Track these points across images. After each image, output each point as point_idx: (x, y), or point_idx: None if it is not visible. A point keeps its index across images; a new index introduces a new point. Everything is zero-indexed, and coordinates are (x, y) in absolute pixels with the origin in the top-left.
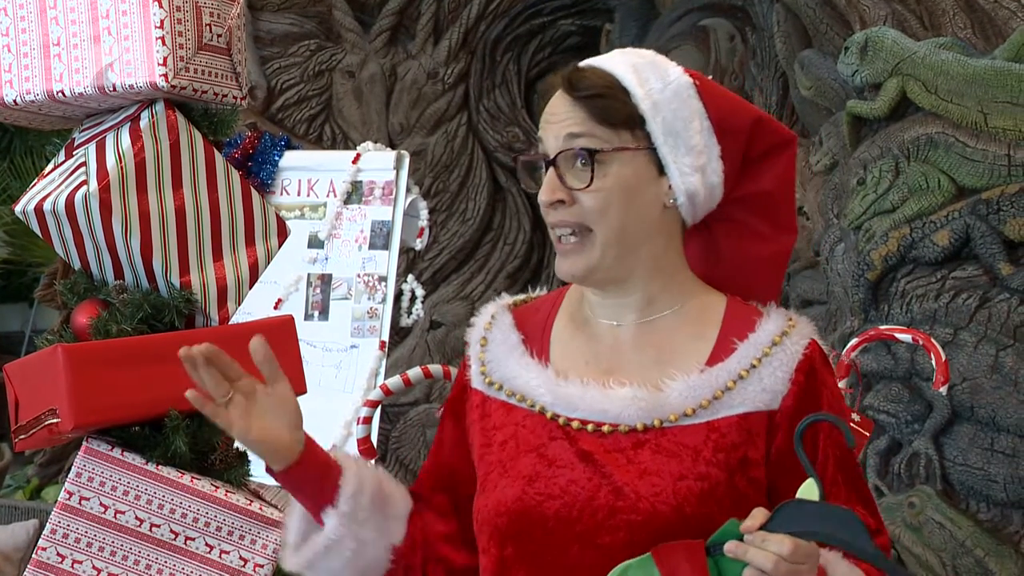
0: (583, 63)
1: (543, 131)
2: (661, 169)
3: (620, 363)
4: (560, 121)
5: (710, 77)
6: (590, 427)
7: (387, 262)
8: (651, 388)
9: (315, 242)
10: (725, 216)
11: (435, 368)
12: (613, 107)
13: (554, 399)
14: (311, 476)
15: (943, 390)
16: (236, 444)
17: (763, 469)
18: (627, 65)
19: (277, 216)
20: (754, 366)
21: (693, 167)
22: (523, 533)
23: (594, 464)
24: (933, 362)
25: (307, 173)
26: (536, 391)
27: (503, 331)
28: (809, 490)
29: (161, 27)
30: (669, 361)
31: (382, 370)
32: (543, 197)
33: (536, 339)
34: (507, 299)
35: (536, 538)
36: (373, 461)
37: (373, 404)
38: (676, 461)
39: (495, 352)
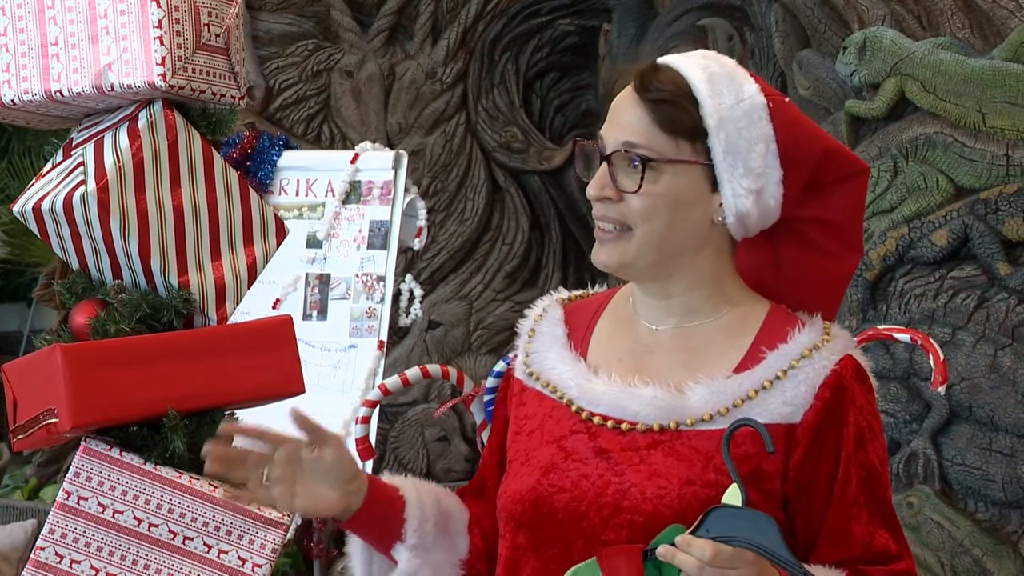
0: (661, 60)
1: (606, 124)
2: (715, 185)
3: (650, 364)
4: (623, 122)
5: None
6: (610, 423)
7: (385, 262)
8: (673, 390)
9: (313, 242)
10: (790, 229)
11: (433, 368)
12: (677, 116)
13: (580, 393)
14: (375, 517)
15: (941, 390)
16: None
17: (779, 482)
18: (704, 72)
19: (275, 216)
20: (779, 378)
21: (749, 189)
22: (534, 522)
23: (608, 461)
24: (931, 362)
25: (305, 173)
26: (566, 383)
27: (551, 324)
28: (733, 495)
29: (159, 27)
30: (698, 366)
31: (380, 370)
32: (591, 191)
33: (580, 334)
34: (563, 293)
35: (546, 529)
36: (371, 462)
37: (371, 404)
38: (686, 465)
39: (540, 344)
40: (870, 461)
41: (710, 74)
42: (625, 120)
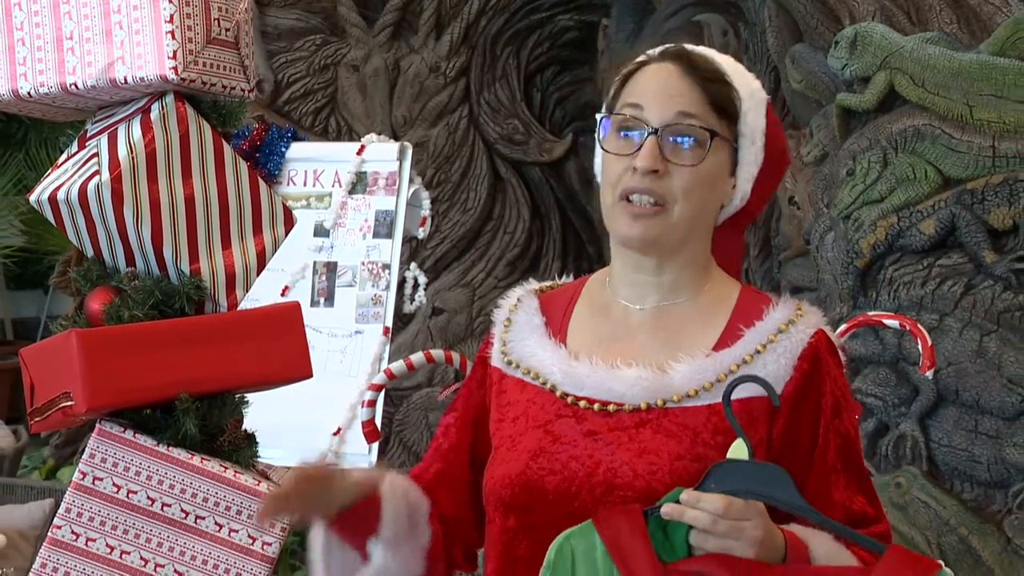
0: (686, 46)
1: (645, 99)
2: (733, 168)
3: (631, 345)
4: (673, 96)
5: None
6: (596, 406)
7: (391, 250)
8: (656, 369)
9: (321, 231)
10: None
11: (437, 353)
12: (729, 96)
13: (564, 377)
14: (357, 516)
15: (929, 374)
16: (244, 427)
17: (763, 453)
18: (724, 60)
19: (284, 205)
20: (759, 352)
21: (751, 176)
22: (525, 505)
23: (597, 442)
24: (919, 347)
25: (313, 164)
26: (548, 369)
27: (527, 313)
28: (739, 450)
29: (171, 21)
30: (678, 345)
31: (386, 355)
32: (644, 163)
33: (557, 321)
34: (534, 284)
35: (537, 511)
36: (376, 444)
37: (377, 388)
38: (675, 441)
39: (517, 332)
40: (846, 429)
41: (728, 63)
42: (676, 94)
